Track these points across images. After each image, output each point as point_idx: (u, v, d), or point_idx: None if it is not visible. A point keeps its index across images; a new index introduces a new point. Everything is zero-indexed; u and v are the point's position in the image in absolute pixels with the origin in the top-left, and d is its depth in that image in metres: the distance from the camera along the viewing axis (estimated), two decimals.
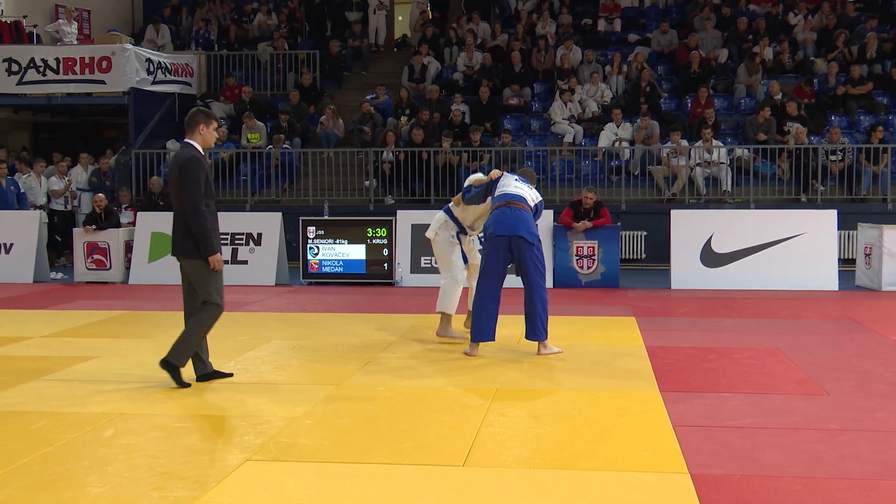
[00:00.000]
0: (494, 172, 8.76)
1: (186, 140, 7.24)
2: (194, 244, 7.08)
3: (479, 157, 16.85)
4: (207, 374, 7.29)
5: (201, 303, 7.16)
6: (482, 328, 8.29)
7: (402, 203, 16.60)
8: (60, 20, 20.07)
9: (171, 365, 7.09)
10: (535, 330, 8.35)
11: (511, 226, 8.21)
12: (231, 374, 7.45)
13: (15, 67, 18.50)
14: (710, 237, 13.33)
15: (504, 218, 8.25)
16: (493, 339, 8.37)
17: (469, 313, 8.97)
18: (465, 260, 9.23)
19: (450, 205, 9.26)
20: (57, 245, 16.58)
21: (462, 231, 9.17)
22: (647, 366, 7.84)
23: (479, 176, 9.12)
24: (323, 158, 17.67)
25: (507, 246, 8.21)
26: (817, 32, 20.09)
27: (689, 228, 13.45)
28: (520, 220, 8.25)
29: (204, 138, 7.23)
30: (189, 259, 7.15)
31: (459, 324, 9.51)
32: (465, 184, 9.04)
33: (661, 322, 10.33)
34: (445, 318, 9.14)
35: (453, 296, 9.10)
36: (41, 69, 18.51)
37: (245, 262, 13.90)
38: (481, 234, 8.78)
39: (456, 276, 9.10)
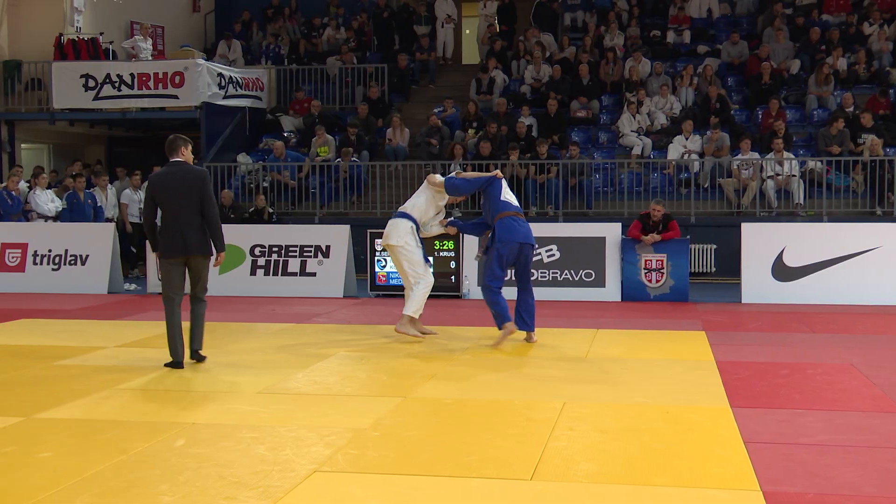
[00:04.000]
0: (498, 173, 9.86)
1: (176, 159, 8.47)
2: (209, 243, 8.42)
3: (547, 169, 16.81)
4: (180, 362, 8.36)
5: (200, 293, 8.51)
6: (508, 313, 9.46)
7: (470, 216, 16.59)
8: (136, 36, 20.49)
9: (199, 355, 8.50)
10: (531, 323, 9.66)
11: (525, 234, 9.47)
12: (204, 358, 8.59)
13: (91, 83, 18.92)
14: (782, 251, 13.12)
15: (518, 227, 9.44)
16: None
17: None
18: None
19: (418, 196, 9.99)
20: (131, 256, 16.88)
21: (418, 231, 9.90)
22: (717, 380, 7.74)
23: (439, 178, 9.99)
24: (391, 171, 17.77)
25: (519, 251, 9.41)
26: (893, 42, 19.69)
27: (760, 242, 13.25)
28: (528, 229, 9.55)
29: (186, 157, 8.54)
30: (205, 257, 8.46)
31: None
32: (453, 176, 9.92)
33: (731, 336, 10.19)
34: (411, 318, 9.77)
35: (425, 298, 9.77)
36: (116, 84, 18.91)
37: (313, 274, 14.02)
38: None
39: (429, 280, 9.85)
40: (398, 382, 7.78)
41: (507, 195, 9.69)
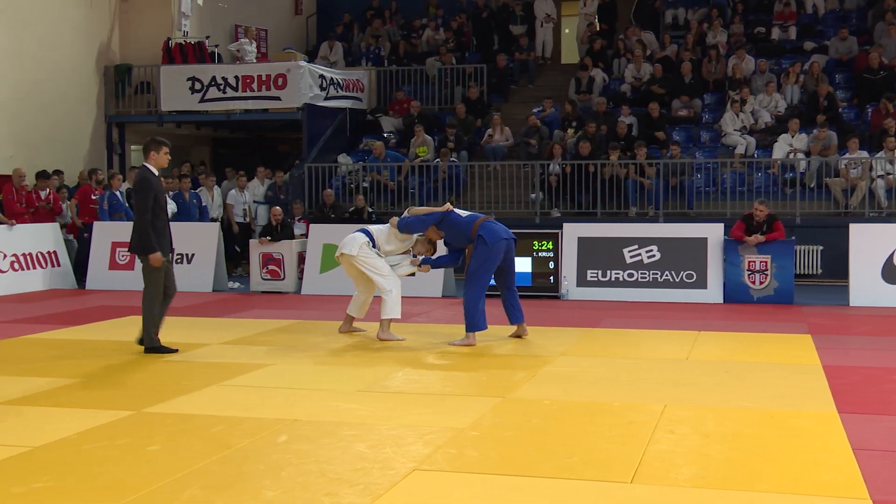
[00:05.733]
0: (448, 205, 10.00)
1: (143, 163, 9.02)
2: (142, 244, 8.86)
3: (647, 169, 16.62)
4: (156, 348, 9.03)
5: (145, 291, 8.98)
6: (482, 320, 9.60)
7: (569, 216, 16.53)
8: (242, 39, 20.92)
9: (150, 348, 8.95)
10: (521, 314, 9.96)
11: (506, 230, 9.73)
12: (176, 350, 9.09)
13: (198, 86, 19.40)
14: (893, 252, 12.73)
15: (497, 225, 9.70)
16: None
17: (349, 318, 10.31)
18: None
19: (381, 227, 10.18)
20: (235, 256, 17.22)
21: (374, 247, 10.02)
22: (823, 385, 7.55)
23: (410, 213, 10.08)
24: (489, 171, 17.78)
25: (506, 248, 9.64)
26: None
27: (869, 243, 12.88)
28: (504, 226, 9.80)
29: (157, 161, 8.96)
30: (139, 256, 9.00)
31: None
32: (407, 216, 9.98)
33: (838, 340, 9.93)
34: (388, 322, 9.88)
35: (399, 301, 9.88)
36: (221, 87, 19.34)
37: (412, 274, 14.06)
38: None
39: (397, 282, 9.94)
40: (497, 382, 7.78)
41: (466, 213, 9.98)
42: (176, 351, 9.08)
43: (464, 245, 9.98)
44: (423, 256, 10.29)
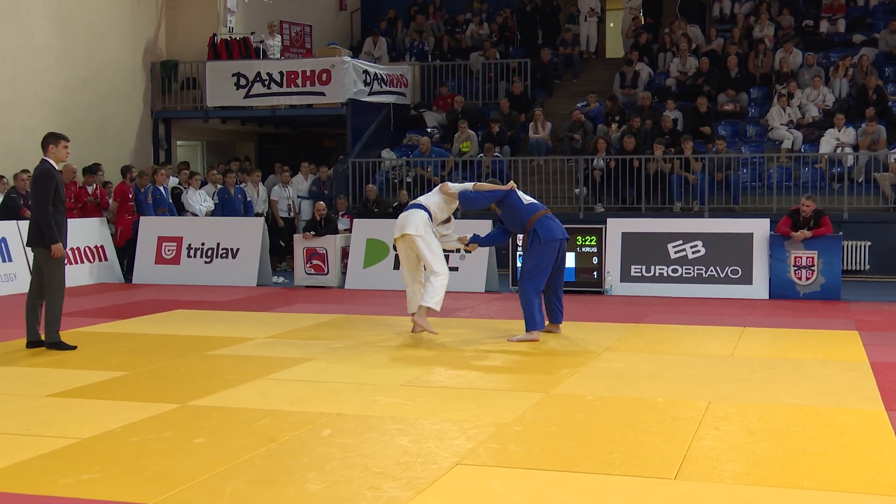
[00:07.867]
0: (511, 184, 9.94)
1: (43, 157, 9.01)
2: (41, 236, 8.88)
3: (690, 163, 16.49)
4: (36, 342, 9.05)
5: (48, 285, 8.93)
6: (541, 319, 9.50)
7: (613, 211, 16.45)
8: (263, 34, 20.98)
9: (53, 343, 8.93)
10: (561, 314, 9.84)
11: (562, 230, 9.60)
12: (74, 347, 9.02)
13: (243, 81, 19.54)
14: None
15: (555, 224, 9.58)
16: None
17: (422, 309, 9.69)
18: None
19: (431, 196, 10.00)
20: (279, 250, 17.33)
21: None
22: (871, 383, 7.45)
23: (465, 185, 10.02)
24: (533, 166, 17.74)
25: (560, 247, 9.54)
26: None
27: None
28: (560, 223, 9.67)
29: (56, 155, 9.02)
30: (38, 248, 8.97)
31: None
32: (468, 187, 9.93)
33: (887, 337, 9.79)
34: (430, 311, 9.56)
35: (444, 292, 9.58)
36: (266, 83, 19.47)
37: (456, 269, 14.11)
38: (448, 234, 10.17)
39: (446, 272, 9.65)
40: (540, 378, 7.77)
41: (528, 198, 9.82)
42: (74, 348, 9.00)
43: (516, 231, 10.01)
44: (473, 234, 10.24)
